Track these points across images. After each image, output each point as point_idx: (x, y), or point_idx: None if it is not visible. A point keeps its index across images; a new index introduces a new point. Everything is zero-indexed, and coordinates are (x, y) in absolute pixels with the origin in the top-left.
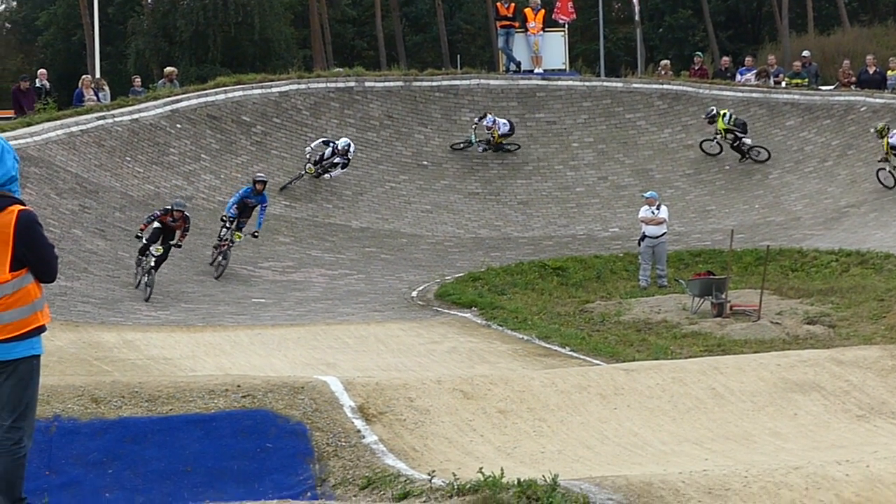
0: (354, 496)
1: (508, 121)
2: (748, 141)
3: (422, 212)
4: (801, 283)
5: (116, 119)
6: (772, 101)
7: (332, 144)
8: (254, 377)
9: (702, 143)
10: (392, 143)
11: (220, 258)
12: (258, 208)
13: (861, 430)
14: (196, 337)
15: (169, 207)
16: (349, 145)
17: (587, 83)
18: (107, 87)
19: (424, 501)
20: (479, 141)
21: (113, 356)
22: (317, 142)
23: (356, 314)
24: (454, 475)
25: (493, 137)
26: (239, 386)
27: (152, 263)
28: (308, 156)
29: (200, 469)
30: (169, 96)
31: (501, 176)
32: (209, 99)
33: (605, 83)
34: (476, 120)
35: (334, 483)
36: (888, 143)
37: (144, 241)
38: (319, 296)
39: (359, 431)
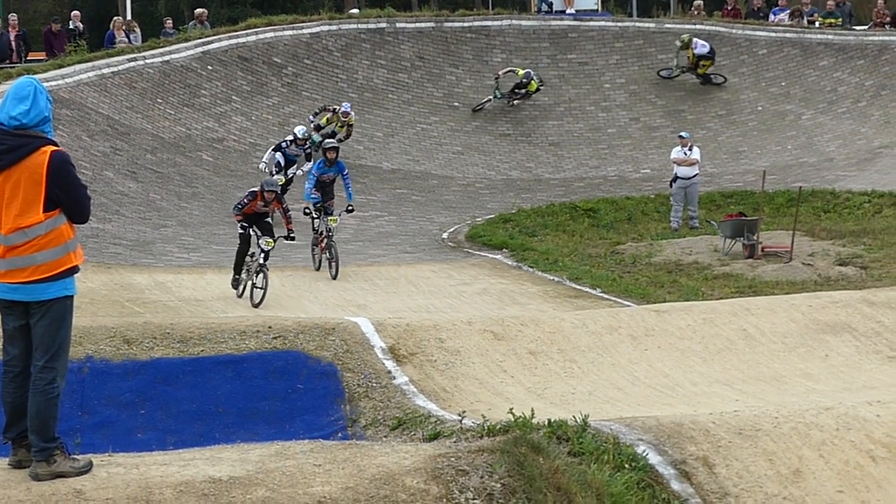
0: (385, 437)
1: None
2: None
3: (453, 153)
4: (833, 225)
5: (148, 61)
6: (805, 42)
7: (283, 146)
8: (285, 318)
9: (479, 105)
10: (423, 85)
11: (327, 256)
12: (339, 179)
13: (892, 372)
14: (227, 278)
15: (255, 190)
16: (305, 132)
17: (619, 24)
18: (138, 29)
19: (455, 442)
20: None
21: (145, 298)
22: (267, 153)
23: (387, 256)
24: (484, 416)
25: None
26: (270, 327)
27: (261, 261)
28: (265, 168)
29: (232, 409)
30: (200, 38)
31: (533, 117)
32: (240, 41)
33: (637, 24)
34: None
35: (365, 424)
36: (693, 53)
37: (249, 232)
38: (350, 237)
39: (389, 372)
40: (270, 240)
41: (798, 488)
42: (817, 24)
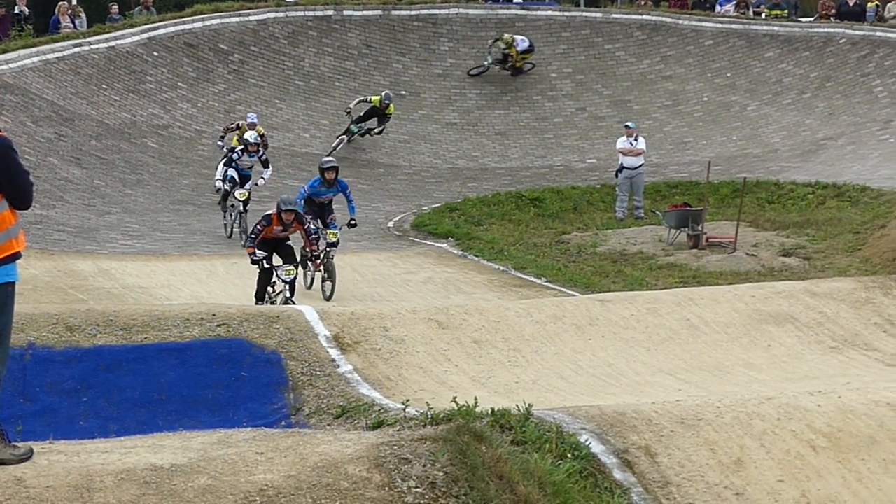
0: (329, 425)
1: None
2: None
3: (399, 142)
4: (777, 215)
5: (93, 47)
6: (751, 33)
7: (233, 157)
8: (229, 306)
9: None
10: (370, 73)
11: (322, 274)
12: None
13: (834, 362)
14: (172, 266)
15: (270, 213)
16: (258, 137)
17: (566, 13)
18: (83, 15)
19: (398, 430)
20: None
21: (88, 285)
22: (219, 168)
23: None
24: (428, 404)
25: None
26: (214, 315)
27: (287, 294)
28: (222, 186)
29: (175, 397)
30: (146, 24)
31: (479, 106)
32: (186, 27)
33: (584, 13)
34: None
35: (309, 412)
36: (516, 51)
37: (265, 265)
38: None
39: (333, 361)
40: (292, 268)
41: (739, 477)
42: (763, 15)
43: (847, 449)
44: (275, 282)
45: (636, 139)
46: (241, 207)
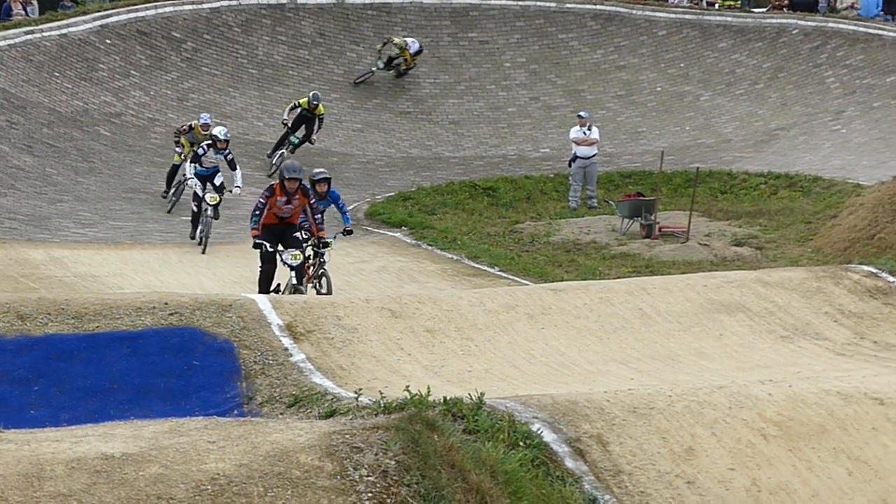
0: (281, 414)
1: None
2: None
3: (353, 130)
4: (729, 205)
5: (45, 34)
6: (704, 23)
7: (199, 154)
8: (181, 295)
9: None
10: (324, 62)
11: (315, 286)
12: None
13: (785, 351)
14: (124, 254)
15: (273, 184)
16: (227, 132)
17: (520, 3)
18: (35, 2)
19: (351, 419)
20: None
21: (40, 273)
22: (187, 168)
23: None
24: (381, 393)
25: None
26: (166, 303)
27: (294, 282)
28: (194, 184)
29: (127, 386)
30: (98, 11)
31: (433, 95)
32: (139, 14)
33: (538, 3)
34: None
35: (261, 401)
36: (409, 53)
37: (267, 248)
38: (249, 214)
39: (286, 350)
40: (298, 252)
41: (690, 466)
42: (716, 5)
43: (797, 437)
44: (279, 284)
45: (590, 129)
46: (211, 213)
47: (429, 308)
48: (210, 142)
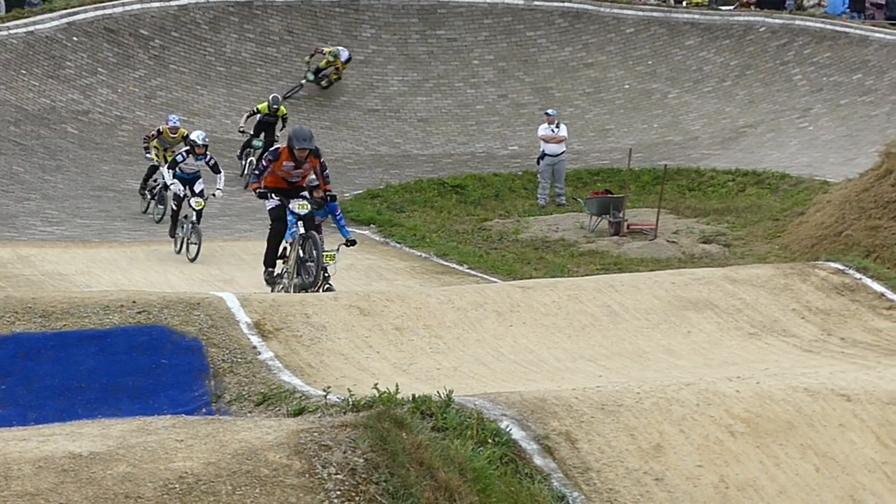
0: (250, 412)
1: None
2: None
3: (321, 128)
4: (697, 203)
5: (11, 31)
6: (672, 21)
7: (178, 160)
8: (149, 293)
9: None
10: (292, 59)
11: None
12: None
13: (752, 348)
14: (92, 252)
15: (279, 146)
16: (205, 137)
17: (488, 0)
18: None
19: (319, 417)
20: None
21: (7, 272)
22: (166, 174)
23: (254, 231)
24: (349, 391)
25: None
26: (134, 302)
27: (301, 230)
28: (177, 188)
29: (95, 385)
30: (65, 8)
31: (401, 93)
32: (106, 12)
33: (506, 0)
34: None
35: (230, 399)
36: (341, 62)
37: (272, 196)
38: (217, 212)
39: (255, 348)
40: (304, 202)
41: (658, 463)
42: (684, 3)
43: (765, 434)
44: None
45: (558, 126)
46: (194, 218)
47: (397, 306)
48: (188, 148)
